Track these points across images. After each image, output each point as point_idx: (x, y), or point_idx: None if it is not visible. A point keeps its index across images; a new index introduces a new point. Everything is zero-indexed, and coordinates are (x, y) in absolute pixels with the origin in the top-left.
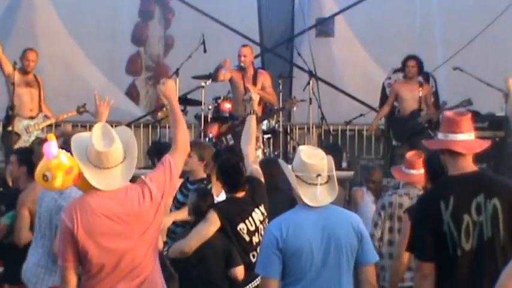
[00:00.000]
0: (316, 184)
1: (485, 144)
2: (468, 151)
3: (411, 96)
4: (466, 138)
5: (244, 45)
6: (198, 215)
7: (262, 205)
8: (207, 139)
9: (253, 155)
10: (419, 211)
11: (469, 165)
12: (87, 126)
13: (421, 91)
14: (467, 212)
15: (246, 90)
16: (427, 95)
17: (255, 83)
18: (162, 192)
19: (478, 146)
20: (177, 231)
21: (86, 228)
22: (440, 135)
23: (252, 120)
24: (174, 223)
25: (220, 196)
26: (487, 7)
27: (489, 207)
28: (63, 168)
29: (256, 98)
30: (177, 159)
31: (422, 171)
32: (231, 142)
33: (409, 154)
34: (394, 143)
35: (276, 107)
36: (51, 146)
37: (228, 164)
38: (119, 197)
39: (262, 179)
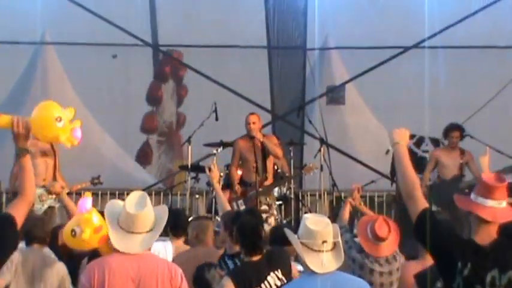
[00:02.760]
0: (322, 251)
1: None
2: (494, 219)
3: (452, 163)
4: (495, 206)
5: (252, 113)
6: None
7: (280, 270)
8: None
9: None
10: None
11: (491, 234)
12: (98, 194)
13: (462, 158)
14: (480, 284)
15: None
16: (469, 161)
17: (263, 150)
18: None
19: (505, 216)
20: (228, 263)
21: (101, 286)
22: (472, 196)
23: None
24: (226, 255)
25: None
26: (495, 74)
27: (504, 280)
28: (92, 225)
29: None
30: None
31: (389, 241)
32: (242, 207)
33: (378, 227)
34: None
35: (282, 171)
36: (86, 202)
37: (247, 226)
38: (138, 261)
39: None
